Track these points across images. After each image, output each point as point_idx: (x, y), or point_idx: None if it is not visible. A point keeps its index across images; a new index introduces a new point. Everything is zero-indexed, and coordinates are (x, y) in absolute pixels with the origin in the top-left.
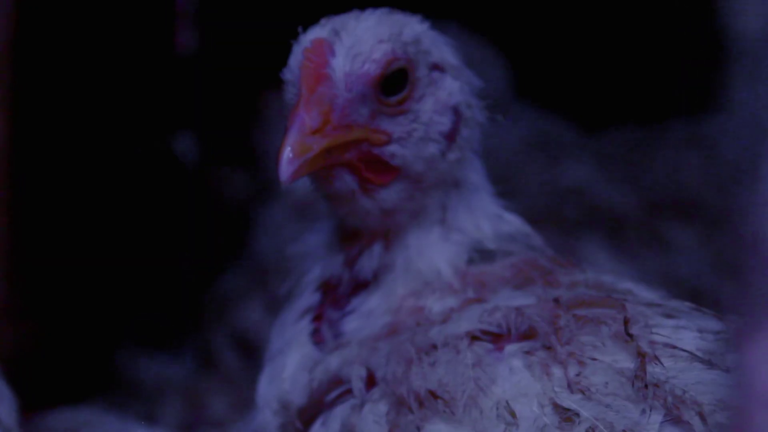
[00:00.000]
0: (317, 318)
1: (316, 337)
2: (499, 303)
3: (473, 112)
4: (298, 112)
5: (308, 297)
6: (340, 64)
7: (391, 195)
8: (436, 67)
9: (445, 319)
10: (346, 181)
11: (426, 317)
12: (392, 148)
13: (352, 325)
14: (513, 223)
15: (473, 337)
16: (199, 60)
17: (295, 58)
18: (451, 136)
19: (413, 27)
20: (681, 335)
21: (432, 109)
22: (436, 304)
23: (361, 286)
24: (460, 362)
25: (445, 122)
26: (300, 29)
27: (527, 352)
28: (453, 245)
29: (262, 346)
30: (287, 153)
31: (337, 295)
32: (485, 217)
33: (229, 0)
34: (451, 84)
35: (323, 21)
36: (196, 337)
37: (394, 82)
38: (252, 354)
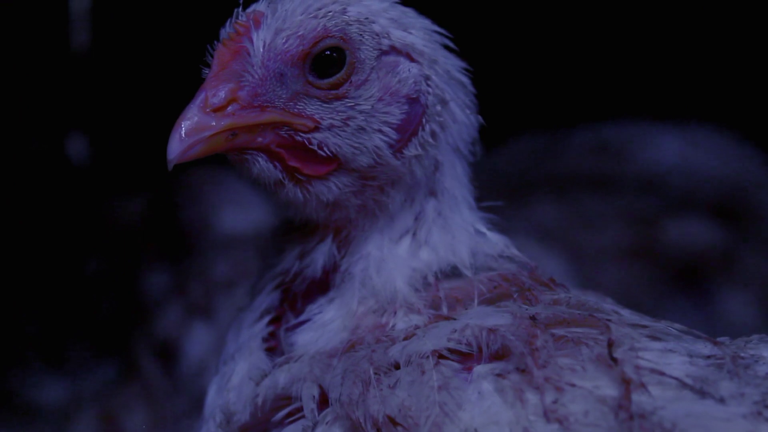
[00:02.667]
0: (275, 320)
1: (274, 342)
2: (470, 321)
3: (447, 107)
4: (202, 88)
5: (266, 296)
6: (260, 39)
7: (330, 188)
8: (394, 51)
9: (408, 336)
10: (265, 168)
11: (388, 334)
12: (320, 136)
13: (306, 336)
14: (496, 243)
15: (440, 356)
16: (93, 59)
17: (224, 32)
18: (404, 129)
19: (366, 5)
20: (669, 360)
21: (376, 96)
22: (400, 321)
23: (317, 288)
24: (425, 384)
25: (393, 113)
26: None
27: (499, 375)
28: (419, 264)
29: (181, 352)
30: (179, 130)
31: (294, 296)
32: (463, 237)
33: None
34: (407, 71)
35: None
36: (113, 345)
37: (328, 64)
38: (173, 360)
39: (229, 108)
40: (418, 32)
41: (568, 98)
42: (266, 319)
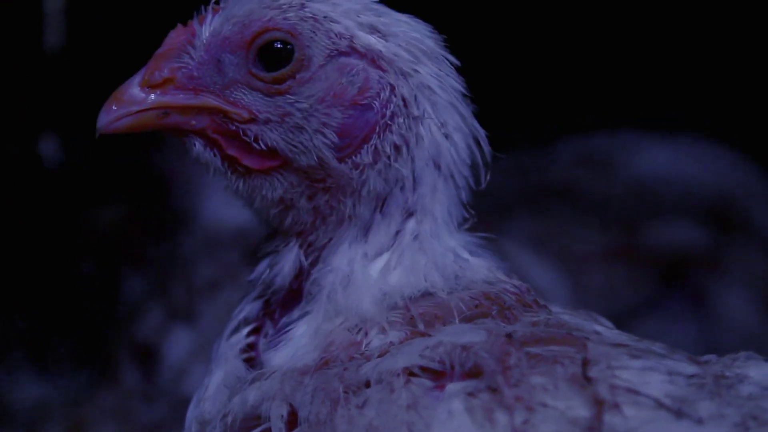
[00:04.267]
0: (256, 331)
1: (255, 353)
2: (444, 338)
3: (419, 122)
4: (145, 65)
5: (246, 305)
6: (210, 24)
7: (274, 185)
8: (356, 54)
9: (382, 354)
10: (202, 153)
11: (362, 352)
12: (256, 128)
13: (280, 351)
14: (479, 269)
15: (410, 374)
16: (67, 59)
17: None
18: (349, 135)
19: (334, 4)
20: (647, 378)
21: (317, 96)
22: (375, 338)
23: (294, 297)
24: (393, 403)
25: (334, 115)
26: None
27: (470, 394)
28: (388, 288)
29: (162, 356)
30: (111, 101)
31: (274, 306)
32: (438, 263)
33: None
34: (359, 76)
35: None
36: (92, 349)
37: (275, 57)
38: (152, 365)
39: (165, 87)
40: (394, 39)
41: (553, 111)
42: (245, 330)
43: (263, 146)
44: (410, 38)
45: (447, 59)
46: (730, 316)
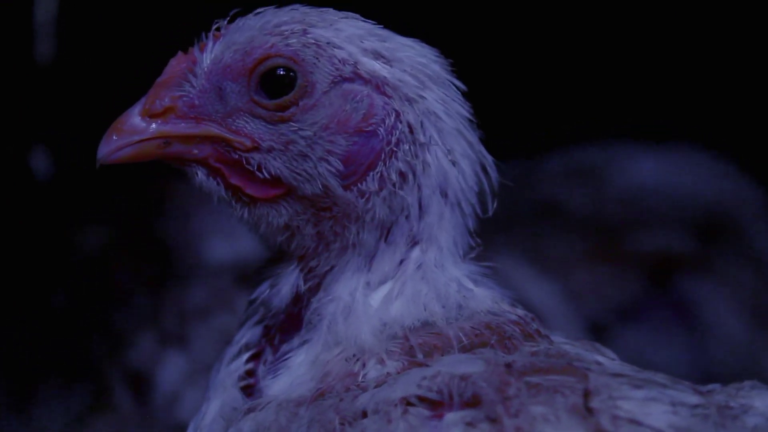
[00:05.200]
0: (256, 356)
1: (253, 380)
2: (442, 368)
3: (425, 150)
4: (147, 94)
5: (247, 330)
6: (211, 51)
7: (280, 212)
8: (360, 80)
9: (379, 384)
10: (205, 183)
11: (359, 383)
12: (259, 157)
13: (277, 380)
14: (483, 299)
15: (408, 404)
16: (57, 71)
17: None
18: (354, 162)
19: (337, 30)
20: (650, 409)
21: (321, 123)
22: (372, 369)
23: (294, 324)
24: None
25: (339, 142)
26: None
27: (469, 423)
28: (389, 318)
29: (154, 382)
30: (112, 131)
31: (274, 332)
32: (442, 294)
33: (91, 8)
34: (363, 102)
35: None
36: (83, 376)
37: (277, 84)
38: (145, 391)
39: (166, 116)
40: (399, 65)
41: (541, 123)
42: (245, 356)
43: (267, 175)
44: (416, 63)
45: (453, 84)
46: (718, 325)
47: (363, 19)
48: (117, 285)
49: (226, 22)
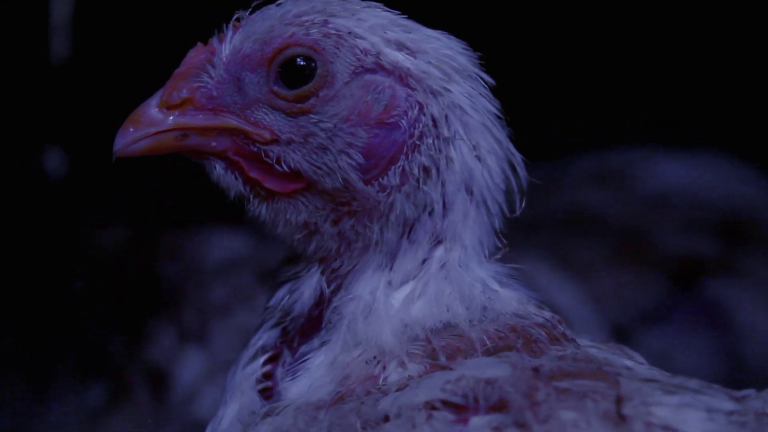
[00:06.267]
0: (273, 359)
1: (271, 383)
2: (466, 371)
3: (449, 145)
4: (164, 85)
5: (264, 333)
6: (230, 42)
7: (299, 209)
8: (382, 71)
9: (401, 387)
10: (223, 177)
11: (379, 386)
12: (278, 149)
13: (296, 383)
14: (509, 301)
15: (432, 408)
16: (72, 71)
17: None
18: (375, 155)
19: (359, 20)
20: (685, 415)
21: (342, 114)
22: (393, 372)
23: (314, 325)
24: None
25: (360, 135)
26: None
27: (496, 429)
28: (410, 319)
29: (173, 379)
30: (129, 123)
31: (293, 333)
32: (466, 295)
33: (106, 8)
34: (385, 93)
35: None
36: (101, 370)
37: (297, 74)
38: (164, 387)
39: (184, 108)
40: (423, 56)
41: (568, 127)
42: (262, 359)
43: (286, 168)
44: (441, 55)
45: (481, 78)
46: (746, 327)
47: (387, 9)
48: (135, 281)
49: (246, 14)
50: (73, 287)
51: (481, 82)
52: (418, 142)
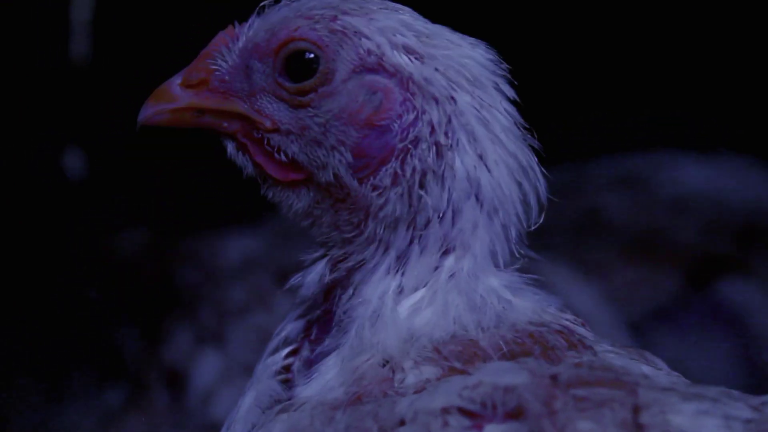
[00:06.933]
0: (295, 352)
1: (292, 374)
2: (484, 377)
3: (448, 152)
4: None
5: (288, 324)
6: (249, 29)
7: (300, 197)
8: (384, 72)
9: (418, 391)
10: (234, 156)
11: (396, 389)
12: (279, 138)
13: (309, 381)
14: (524, 311)
15: (448, 414)
16: (93, 72)
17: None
18: (366, 155)
19: (371, 19)
20: (702, 423)
21: (334, 112)
22: (411, 374)
23: (329, 321)
24: None
25: (350, 134)
26: None
27: None
28: (416, 328)
29: (190, 380)
30: (152, 96)
31: (312, 327)
32: (477, 306)
33: (127, 9)
34: (379, 95)
35: None
36: (118, 372)
37: (302, 68)
38: (181, 389)
39: (200, 88)
40: (431, 62)
41: (587, 131)
42: (284, 352)
43: (284, 158)
44: (453, 63)
45: (499, 89)
46: (762, 326)
47: (411, 11)
48: (153, 283)
49: (271, 2)
50: (91, 289)
51: (498, 93)
52: (410, 146)
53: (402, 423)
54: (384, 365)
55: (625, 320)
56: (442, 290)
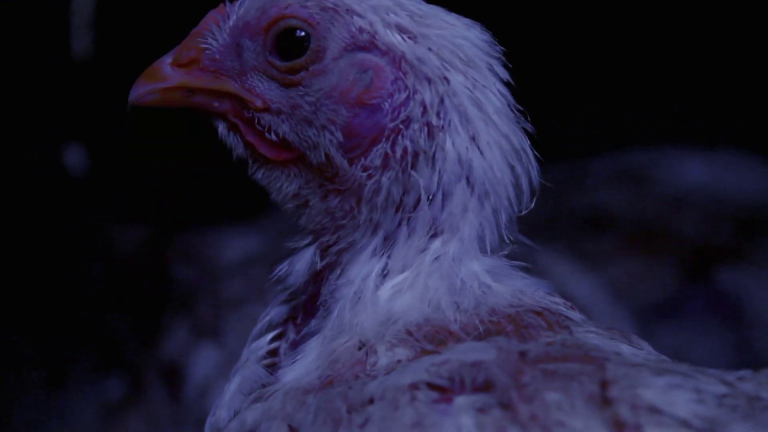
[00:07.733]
0: (280, 336)
1: (278, 358)
2: (452, 355)
3: (433, 129)
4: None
5: (272, 309)
6: (240, 7)
7: (291, 178)
8: (377, 50)
9: (389, 372)
10: (225, 136)
11: (368, 372)
12: (269, 118)
13: (293, 365)
14: (503, 294)
15: (416, 389)
16: (94, 68)
17: None
18: (356, 135)
19: None
20: (673, 397)
21: (325, 90)
22: (383, 356)
23: (315, 303)
24: (397, 421)
25: (340, 112)
26: None
27: (480, 410)
28: (395, 311)
29: (187, 374)
30: (143, 76)
31: (297, 311)
32: (456, 290)
33: (128, 4)
34: (370, 73)
35: None
36: (115, 366)
37: (292, 46)
38: (178, 382)
39: (191, 67)
40: (424, 41)
41: (587, 128)
42: (268, 336)
43: (275, 137)
44: (447, 43)
45: (494, 71)
46: (762, 317)
47: None
48: (151, 278)
49: None
50: (90, 284)
51: (492, 74)
52: (401, 126)
53: (371, 401)
54: (360, 348)
55: (626, 312)
56: (424, 273)
